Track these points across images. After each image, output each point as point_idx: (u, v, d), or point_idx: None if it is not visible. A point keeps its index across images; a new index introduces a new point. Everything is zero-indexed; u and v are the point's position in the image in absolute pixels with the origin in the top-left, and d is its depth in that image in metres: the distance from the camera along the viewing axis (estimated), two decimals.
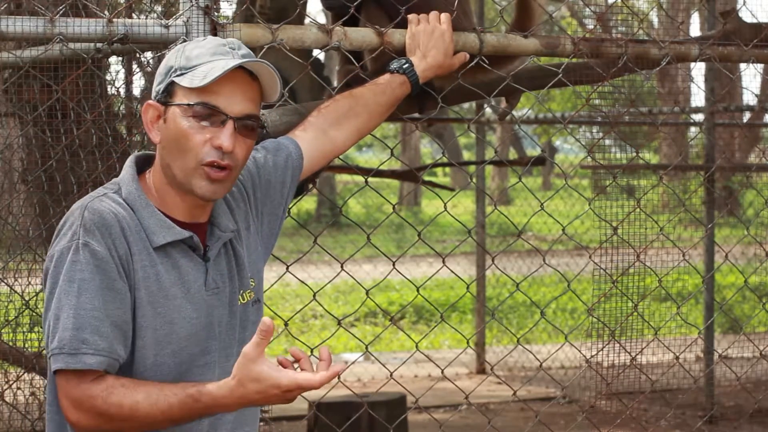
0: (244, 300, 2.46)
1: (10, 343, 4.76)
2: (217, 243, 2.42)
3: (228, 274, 2.43)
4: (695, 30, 17.62)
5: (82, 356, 2.19)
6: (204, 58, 2.32)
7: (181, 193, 2.36)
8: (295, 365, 2.21)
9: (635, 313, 6.64)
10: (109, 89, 4.81)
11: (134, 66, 5.39)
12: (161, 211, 2.36)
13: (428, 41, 3.09)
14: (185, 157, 2.31)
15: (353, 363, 4.31)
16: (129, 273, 2.27)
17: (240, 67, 2.33)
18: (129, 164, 2.41)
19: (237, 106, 2.33)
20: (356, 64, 3.28)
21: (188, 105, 2.30)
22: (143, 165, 2.43)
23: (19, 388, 4.84)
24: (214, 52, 2.33)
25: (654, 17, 13.53)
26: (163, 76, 2.35)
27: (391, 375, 3.60)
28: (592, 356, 6.48)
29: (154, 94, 2.37)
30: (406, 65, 3.02)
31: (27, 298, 4.23)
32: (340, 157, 3.42)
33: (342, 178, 26.33)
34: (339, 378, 3.57)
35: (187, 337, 2.33)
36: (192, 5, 2.88)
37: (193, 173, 2.32)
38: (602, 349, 6.88)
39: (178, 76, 2.32)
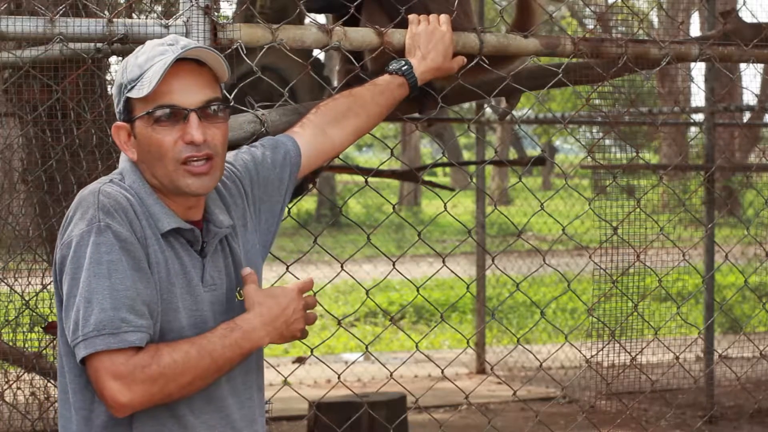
0: (241, 297, 2.45)
1: (10, 343, 4.76)
2: (214, 239, 2.42)
3: (225, 270, 2.44)
4: (695, 30, 17.62)
5: (123, 335, 2.19)
6: (146, 65, 2.32)
7: (172, 196, 2.37)
8: None
9: (635, 313, 6.64)
10: (109, 89, 4.81)
11: None
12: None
13: (428, 43, 3.08)
14: (164, 163, 2.33)
15: (353, 363, 4.30)
16: (147, 255, 2.29)
17: (183, 59, 2.33)
18: (126, 157, 2.42)
19: (193, 96, 2.33)
20: (356, 64, 3.28)
21: (147, 114, 2.31)
22: None
23: (19, 388, 4.84)
24: (153, 55, 2.33)
25: (654, 17, 13.53)
26: (118, 95, 2.37)
27: (391, 375, 3.60)
28: (592, 356, 6.48)
29: (117, 115, 2.39)
30: (405, 67, 3.02)
31: (27, 298, 4.23)
32: (340, 156, 3.42)
33: (342, 178, 26.32)
34: (339, 378, 3.59)
35: (189, 327, 2.33)
36: (192, 5, 2.88)
37: (176, 175, 2.33)
38: (602, 349, 6.88)
39: (129, 90, 2.33)
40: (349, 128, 2.87)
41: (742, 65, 7.92)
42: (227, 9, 6.50)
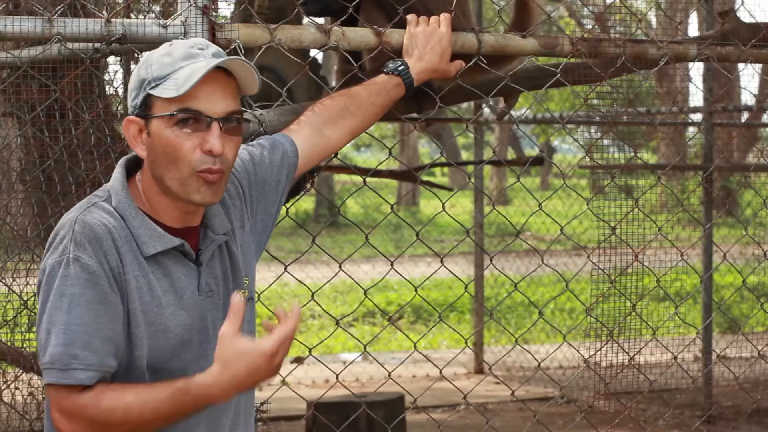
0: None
1: (9, 343, 4.76)
2: (211, 246, 2.40)
3: (222, 276, 2.42)
4: (693, 30, 17.63)
5: (73, 371, 2.19)
6: (176, 65, 2.28)
7: (175, 200, 2.34)
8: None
9: (633, 313, 6.64)
10: (107, 89, 4.81)
11: (132, 66, 5.38)
12: (152, 218, 2.33)
13: (426, 44, 3.08)
14: (178, 168, 2.29)
15: (351, 363, 4.30)
16: (121, 284, 2.26)
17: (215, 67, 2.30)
18: (119, 169, 2.38)
19: (218, 105, 2.30)
20: (354, 64, 3.28)
21: (170, 114, 2.27)
22: (133, 167, 2.41)
23: (17, 388, 4.84)
24: (184, 57, 2.29)
25: (652, 17, 13.53)
26: (137, 89, 2.31)
27: (389, 375, 3.61)
28: (590, 356, 6.47)
29: (131, 109, 2.34)
30: (402, 67, 3.01)
31: (25, 298, 4.23)
32: (338, 156, 3.42)
33: (340, 178, 26.31)
34: (337, 378, 3.59)
35: (182, 345, 2.32)
36: (190, 5, 2.88)
37: (189, 182, 2.29)
38: (600, 349, 6.87)
39: (153, 87, 2.28)
40: (345, 128, 2.86)
41: (741, 65, 7.92)
42: (225, 9, 6.50)
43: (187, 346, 2.33)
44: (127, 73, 5.07)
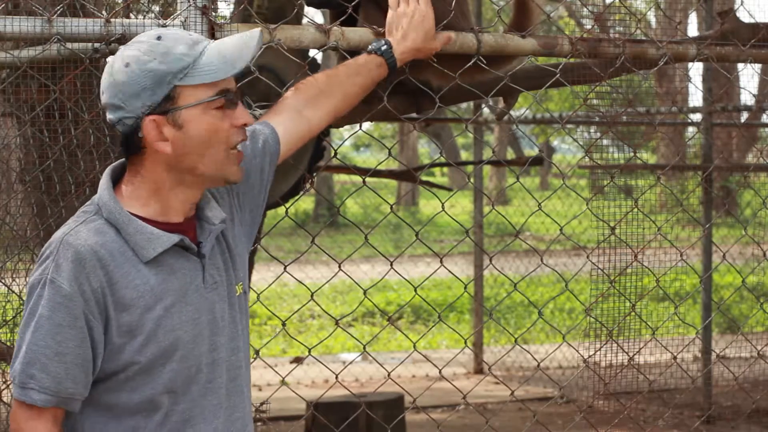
0: (237, 292, 2.45)
1: (8, 343, 4.76)
2: (210, 237, 2.38)
3: (223, 266, 2.42)
4: (693, 30, 17.65)
5: (29, 391, 2.22)
6: (193, 50, 2.29)
7: (188, 191, 2.34)
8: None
9: (633, 313, 6.65)
10: None
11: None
12: (148, 219, 2.31)
13: (409, 23, 3.02)
14: (215, 151, 2.32)
15: (351, 363, 4.30)
16: (105, 305, 2.24)
17: None
18: (105, 179, 2.35)
19: (233, 82, 2.37)
20: None
21: (215, 98, 2.30)
22: (119, 175, 2.38)
23: None
24: (193, 42, 2.31)
25: (652, 17, 13.54)
26: (155, 86, 2.26)
27: (388, 375, 3.61)
28: (589, 356, 6.48)
29: (145, 108, 2.27)
30: (385, 47, 2.96)
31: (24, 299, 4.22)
32: (338, 157, 3.42)
33: (340, 178, 26.29)
34: (337, 378, 3.59)
35: (193, 339, 2.32)
36: (189, 5, 2.88)
37: (225, 162, 2.34)
38: (600, 349, 6.87)
39: (182, 78, 2.27)
40: (325, 108, 2.80)
41: (740, 65, 7.93)
42: (225, 9, 6.50)
43: (199, 340, 2.33)
44: None
